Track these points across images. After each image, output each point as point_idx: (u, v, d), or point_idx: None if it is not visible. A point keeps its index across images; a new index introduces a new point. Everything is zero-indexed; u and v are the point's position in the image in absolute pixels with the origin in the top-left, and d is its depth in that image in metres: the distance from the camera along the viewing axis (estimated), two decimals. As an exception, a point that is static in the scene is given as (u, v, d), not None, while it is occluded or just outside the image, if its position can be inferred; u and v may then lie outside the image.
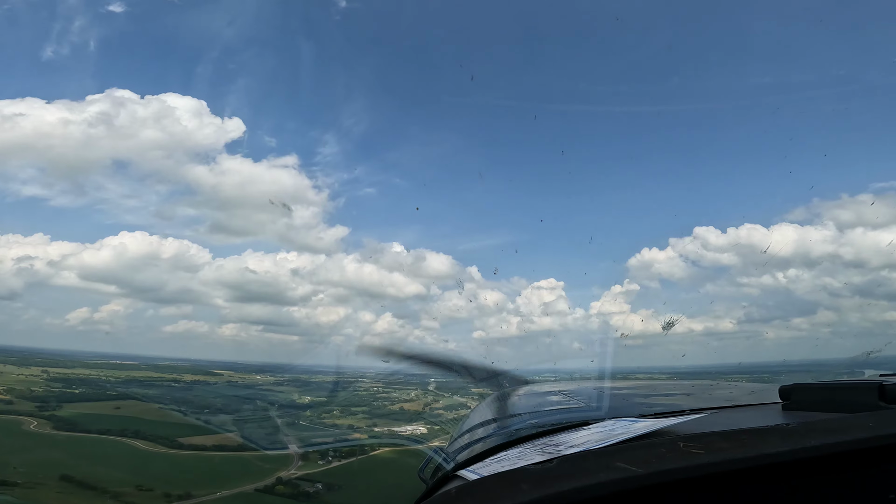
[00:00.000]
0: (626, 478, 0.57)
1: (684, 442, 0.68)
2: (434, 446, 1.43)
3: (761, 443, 0.65)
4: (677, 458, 0.62)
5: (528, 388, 2.57)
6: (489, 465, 0.96)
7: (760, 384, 2.10)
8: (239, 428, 10.14)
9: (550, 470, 0.63)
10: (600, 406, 1.65)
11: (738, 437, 0.68)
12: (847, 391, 1.06)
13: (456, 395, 7.09)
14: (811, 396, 1.16)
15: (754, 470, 0.61)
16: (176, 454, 22.85)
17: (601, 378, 1.96)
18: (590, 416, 1.26)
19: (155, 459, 22.31)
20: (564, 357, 3.30)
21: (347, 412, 23.75)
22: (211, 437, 23.45)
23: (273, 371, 30.82)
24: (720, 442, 0.66)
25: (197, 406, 26.01)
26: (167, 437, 23.65)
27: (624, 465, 0.60)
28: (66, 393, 29.60)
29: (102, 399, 28.66)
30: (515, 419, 1.64)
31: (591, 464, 0.63)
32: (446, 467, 1.11)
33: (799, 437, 0.66)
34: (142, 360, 43.05)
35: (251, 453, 21.88)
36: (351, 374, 9.07)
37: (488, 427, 1.58)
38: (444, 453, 1.29)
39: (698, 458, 0.61)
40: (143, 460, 22.03)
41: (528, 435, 1.16)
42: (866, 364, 3.32)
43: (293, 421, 17.43)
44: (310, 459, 21.65)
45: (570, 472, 0.61)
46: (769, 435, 0.69)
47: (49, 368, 34.66)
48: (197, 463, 22.30)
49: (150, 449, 23.03)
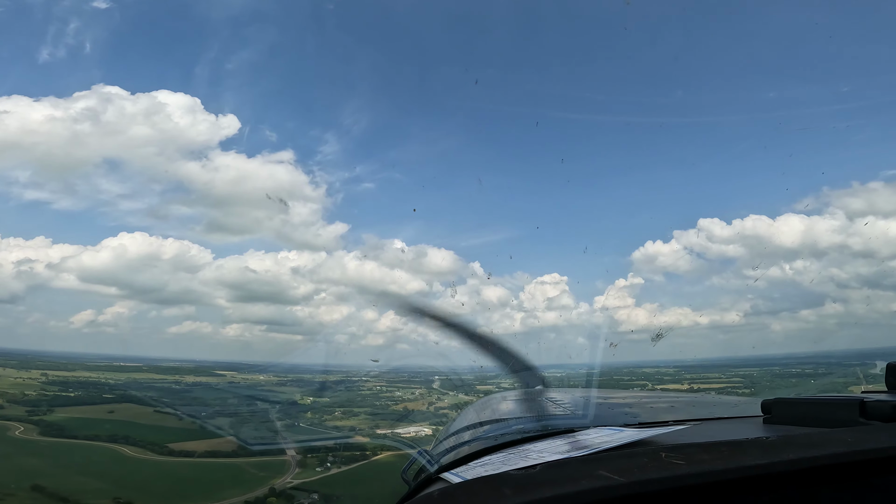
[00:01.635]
0: (607, 486, 0.59)
1: (666, 452, 0.70)
2: (418, 448, 1.46)
3: (741, 455, 0.67)
4: (659, 468, 0.64)
5: (515, 393, 2.60)
6: (473, 469, 0.99)
7: (743, 398, 2.15)
8: (235, 431, 10.07)
9: (534, 476, 0.65)
10: (586, 414, 1.67)
11: (719, 449, 0.70)
12: (828, 406, 1.08)
13: (461, 393, 7.06)
14: (792, 411, 1.19)
15: (734, 482, 0.63)
16: (164, 461, 22.20)
17: (588, 384, 2.00)
18: (575, 424, 1.29)
19: (141, 467, 21.59)
20: (569, 353, 3.33)
21: (350, 413, 23.50)
22: (204, 443, 22.56)
23: (276, 371, 30.69)
24: (701, 453, 0.69)
25: (194, 408, 25.42)
26: (158, 442, 23.03)
27: (606, 473, 0.63)
28: (60, 396, 29.12)
29: (98, 402, 28.08)
30: (501, 424, 1.67)
31: (574, 471, 0.65)
32: (430, 469, 1.13)
33: (778, 451, 0.69)
34: (147, 362, 42.56)
35: (245, 459, 21.10)
36: (354, 373, 9.00)
37: (474, 431, 1.61)
38: (429, 455, 1.31)
39: (679, 469, 0.63)
40: (128, 468, 21.32)
41: (513, 440, 1.19)
42: (875, 355, 3.34)
43: (293, 423, 16.97)
44: (308, 466, 20.80)
45: (552, 479, 0.63)
46: (749, 447, 0.71)
47: (49, 371, 34.18)
48: (185, 471, 21.64)
49: (137, 456, 22.39)
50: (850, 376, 9.38)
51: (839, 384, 6.06)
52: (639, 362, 19.48)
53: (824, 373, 16.79)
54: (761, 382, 17.30)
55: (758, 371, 19.77)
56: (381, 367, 7.76)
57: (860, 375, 8.49)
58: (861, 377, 7.87)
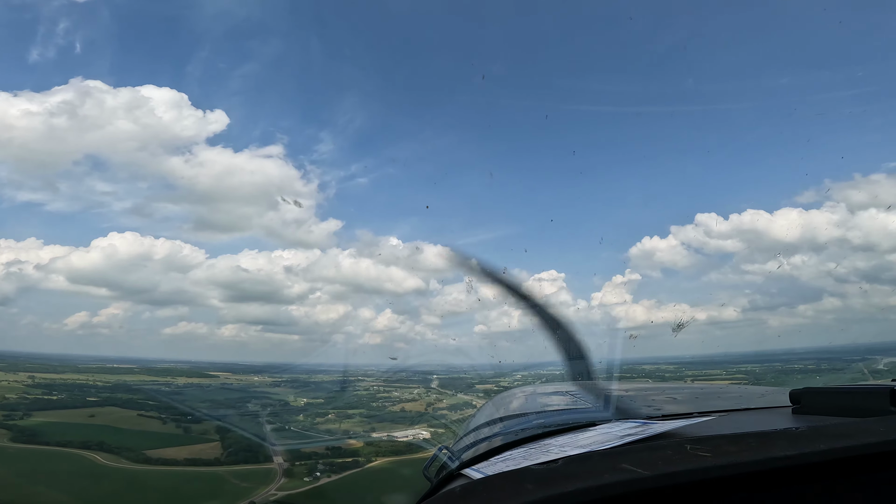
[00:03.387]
0: (631, 479, 0.59)
1: (691, 445, 0.69)
2: (439, 445, 1.48)
3: (769, 446, 0.67)
4: (684, 460, 0.64)
5: (535, 388, 2.62)
6: (494, 465, 0.99)
7: (770, 387, 2.15)
8: (221, 437, 9.38)
9: (555, 470, 0.65)
10: (607, 407, 1.68)
11: (746, 441, 0.70)
12: (858, 395, 1.08)
13: (460, 393, 7.04)
14: (822, 400, 1.18)
15: (762, 474, 0.62)
16: (138, 470, 20.97)
17: (609, 375, 2.00)
18: (596, 418, 1.30)
19: (111, 477, 20.35)
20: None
21: (343, 415, 22.84)
22: (185, 449, 21.59)
23: (272, 372, 30.11)
24: (727, 445, 0.68)
25: (180, 412, 23.66)
26: (136, 448, 22.06)
27: (630, 466, 0.62)
28: (42, 400, 28.60)
29: (80, 406, 27.51)
30: (521, 419, 1.68)
31: (597, 465, 0.65)
32: (451, 466, 1.14)
33: (807, 442, 0.68)
34: (142, 363, 41.87)
35: (228, 468, 19.81)
36: (352, 373, 8.86)
37: (494, 426, 1.62)
38: (450, 452, 1.32)
39: (705, 462, 0.63)
40: (97, 478, 20.13)
41: (534, 435, 1.20)
42: (873, 350, 3.38)
43: (283, 426, 15.47)
44: (295, 475, 19.67)
45: (574, 473, 0.62)
46: (777, 439, 0.71)
47: (37, 374, 33.78)
48: (160, 481, 20.28)
49: (109, 464, 21.24)
50: (855, 372, 9.53)
51: (845, 381, 6.13)
52: (639, 359, 19.61)
53: (827, 369, 16.99)
54: (766, 378, 17.46)
55: (760, 367, 19.96)
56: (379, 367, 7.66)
57: (865, 371, 8.63)
58: (866, 373, 7.99)
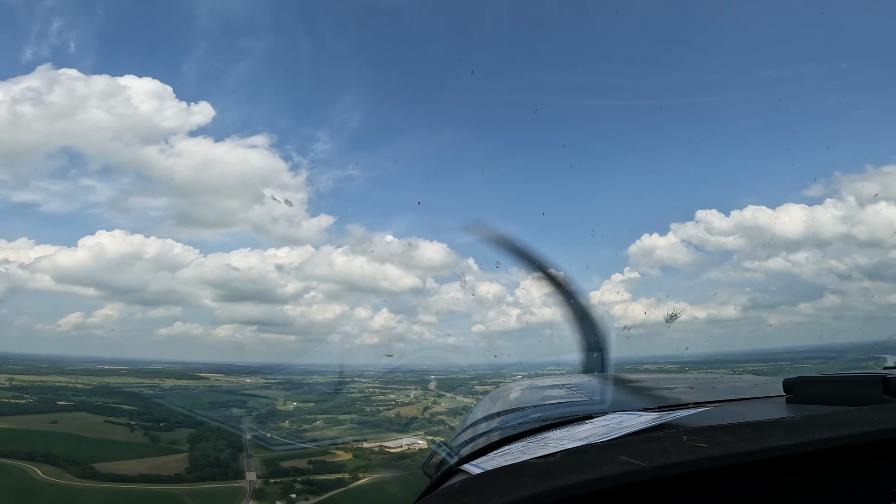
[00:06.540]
0: (629, 471, 0.62)
1: (688, 435, 0.73)
2: (438, 440, 1.53)
3: (765, 436, 0.70)
4: (681, 451, 0.67)
5: (531, 382, 2.67)
6: (493, 460, 1.03)
7: (764, 377, 2.21)
8: (191, 447, 7.92)
9: (554, 464, 0.68)
10: (604, 400, 1.73)
11: (742, 431, 0.73)
12: (851, 384, 1.12)
13: (459, 395, 7.07)
14: (815, 390, 1.23)
15: (758, 463, 0.65)
16: (77, 488, 19.13)
17: (604, 370, 2.05)
18: (593, 410, 1.34)
19: (42, 495, 18.41)
20: (567, 350, 3.41)
21: (334, 421, 21.55)
22: (146, 462, 19.84)
23: (266, 372, 29.27)
24: (724, 435, 0.71)
25: (153, 418, 22.00)
26: (85, 461, 20.31)
27: (627, 458, 0.65)
28: (6, 404, 27.46)
29: (46, 411, 26.22)
30: (519, 413, 1.72)
31: (595, 457, 0.68)
32: (450, 461, 1.18)
33: (802, 431, 0.71)
34: (134, 364, 41.23)
35: (189, 486, 17.95)
36: (348, 374, 8.73)
37: (492, 421, 1.66)
38: (448, 447, 1.36)
39: (702, 452, 0.66)
40: (27, 496, 18.32)
41: (532, 429, 1.24)
42: (879, 348, 3.44)
43: (265, 434, 13.81)
44: (266, 496, 17.79)
45: (573, 466, 0.65)
46: (773, 428, 0.74)
47: (18, 376, 32.86)
48: (102, 501, 18.40)
49: (47, 479, 19.46)
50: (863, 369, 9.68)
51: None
52: (636, 359, 19.58)
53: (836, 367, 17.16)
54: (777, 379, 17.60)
55: (767, 366, 20.18)
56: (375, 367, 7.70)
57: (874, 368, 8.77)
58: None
